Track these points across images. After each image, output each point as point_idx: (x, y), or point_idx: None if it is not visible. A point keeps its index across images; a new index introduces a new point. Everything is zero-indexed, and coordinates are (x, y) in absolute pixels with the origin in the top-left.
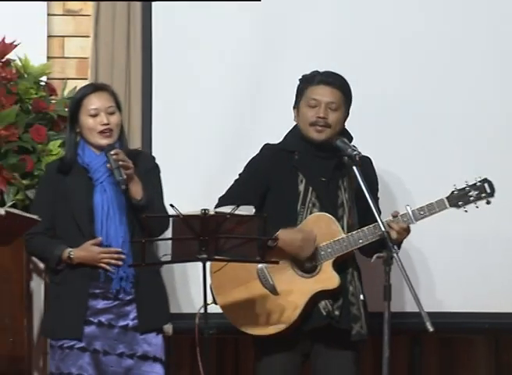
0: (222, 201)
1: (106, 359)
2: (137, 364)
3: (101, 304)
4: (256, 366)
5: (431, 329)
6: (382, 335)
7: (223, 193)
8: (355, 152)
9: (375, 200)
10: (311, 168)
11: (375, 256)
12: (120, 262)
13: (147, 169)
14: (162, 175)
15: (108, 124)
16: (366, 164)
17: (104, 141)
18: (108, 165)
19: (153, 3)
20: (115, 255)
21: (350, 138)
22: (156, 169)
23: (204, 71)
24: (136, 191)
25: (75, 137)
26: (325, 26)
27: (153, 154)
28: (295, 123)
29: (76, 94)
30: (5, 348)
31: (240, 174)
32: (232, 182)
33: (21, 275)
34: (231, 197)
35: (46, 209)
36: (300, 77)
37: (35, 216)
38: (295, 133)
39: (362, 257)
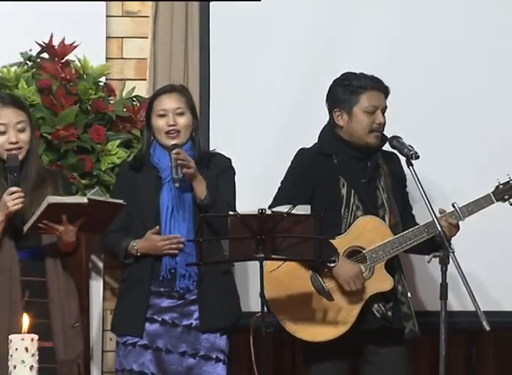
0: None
1: (168, 358)
2: (199, 364)
3: (165, 302)
4: (306, 370)
5: (487, 328)
6: (439, 334)
7: (270, 202)
8: (411, 152)
9: (405, 196)
10: (351, 170)
11: (431, 255)
12: (181, 245)
13: (220, 170)
14: None
15: (174, 125)
16: (394, 161)
17: (170, 142)
18: (170, 163)
19: (211, 4)
20: (175, 240)
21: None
22: (230, 170)
23: (261, 70)
24: (201, 190)
25: (149, 135)
26: (377, 27)
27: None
28: (325, 125)
29: (151, 96)
30: None
31: (282, 182)
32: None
33: (81, 274)
34: (280, 204)
35: None
36: (342, 81)
37: (120, 201)
38: (331, 136)
39: (413, 256)
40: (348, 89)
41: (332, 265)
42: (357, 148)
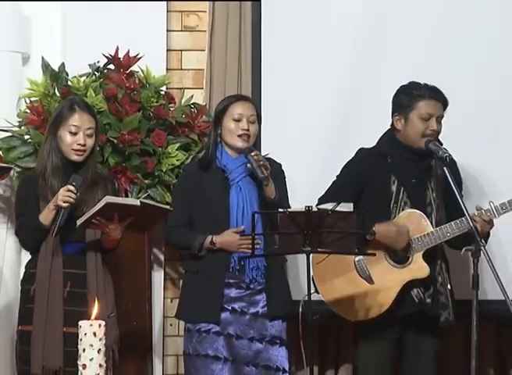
0: (322, 201)
1: (238, 343)
2: (266, 348)
3: (234, 292)
4: (356, 348)
5: None
6: (471, 321)
7: (323, 193)
8: (446, 154)
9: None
10: (403, 170)
11: (464, 249)
12: (258, 246)
13: (274, 174)
14: None
15: (247, 130)
16: (453, 166)
17: (241, 144)
18: (249, 165)
19: (262, 20)
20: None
21: (440, 142)
22: (282, 174)
23: (309, 80)
24: (271, 190)
25: (216, 137)
26: (423, 34)
27: (263, 153)
28: (388, 128)
29: (222, 101)
30: (129, 330)
31: (337, 176)
32: (330, 183)
33: (144, 265)
34: (330, 197)
35: (184, 204)
36: (406, 89)
37: (167, 207)
38: (389, 138)
39: (450, 250)
40: (408, 96)
41: (372, 237)
42: (411, 150)
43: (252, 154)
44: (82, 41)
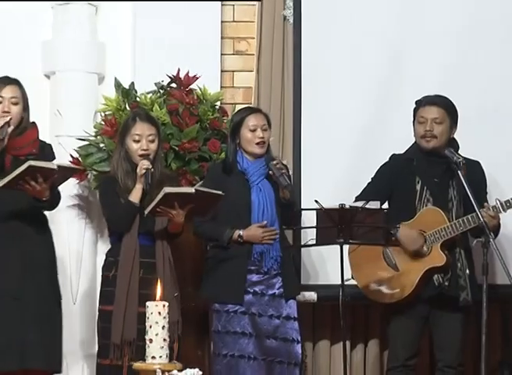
0: (358, 199)
1: (260, 320)
2: (283, 323)
3: (255, 277)
4: (388, 323)
5: None
6: (482, 302)
7: (360, 192)
8: (459, 160)
9: (483, 195)
10: (426, 171)
11: (475, 241)
12: (275, 237)
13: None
14: (312, 178)
15: (263, 138)
16: (475, 167)
17: (259, 151)
18: (271, 172)
19: (302, 44)
20: (274, 232)
21: (457, 146)
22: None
23: (342, 94)
24: (287, 191)
25: (235, 147)
26: (439, 56)
27: (302, 159)
28: None
29: (237, 114)
30: (188, 310)
31: (372, 178)
32: (365, 184)
33: (201, 253)
34: (365, 196)
35: None
36: (416, 101)
37: (219, 192)
38: (414, 144)
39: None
40: (414, 107)
41: (396, 231)
42: (433, 154)
43: (274, 163)
44: (149, 64)
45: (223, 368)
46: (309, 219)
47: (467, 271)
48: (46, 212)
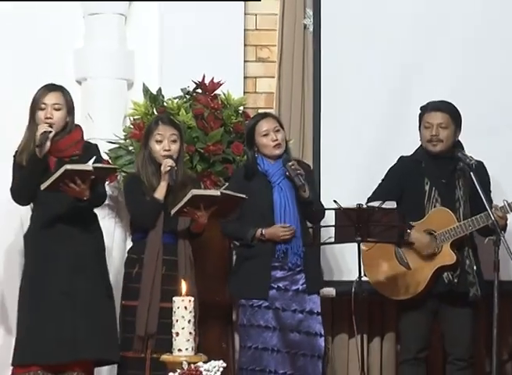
0: (370, 200)
1: (284, 314)
2: (306, 317)
3: (279, 273)
4: (399, 322)
5: None
6: (493, 297)
7: (370, 194)
8: (472, 162)
9: (488, 195)
10: (434, 173)
11: (487, 239)
12: (293, 232)
13: (307, 173)
14: (331, 179)
15: (277, 139)
16: (480, 168)
17: (278, 152)
18: (287, 173)
19: (322, 52)
20: (292, 230)
21: (462, 148)
22: (312, 173)
23: (359, 100)
24: (306, 191)
25: (253, 153)
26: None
27: (321, 161)
28: None
29: (248, 123)
30: (212, 304)
31: (382, 180)
32: (377, 185)
33: (224, 250)
34: (375, 197)
35: None
36: (421, 107)
37: (243, 195)
38: (422, 148)
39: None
40: (420, 113)
41: (409, 232)
42: (439, 156)
43: (289, 164)
44: (175, 70)
45: (248, 360)
46: (328, 218)
47: (475, 267)
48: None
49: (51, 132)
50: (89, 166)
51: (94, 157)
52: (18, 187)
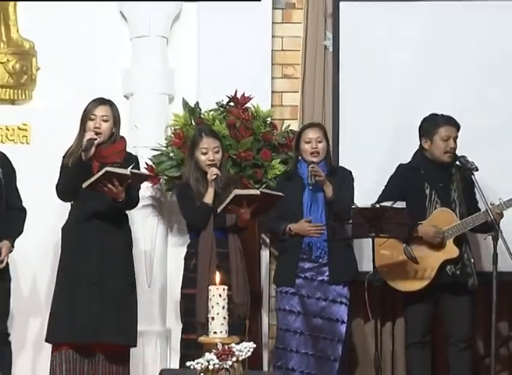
0: (377, 202)
1: (309, 301)
2: (329, 305)
3: (306, 265)
4: (405, 309)
5: None
6: (492, 287)
7: (377, 197)
8: (473, 166)
9: (473, 195)
10: (432, 178)
11: (486, 235)
12: (322, 232)
13: (344, 178)
14: None
15: (315, 148)
16: (466, 172)
17: (313, 159)
18: (307, 174)
19: (340, 70)
20: (319, 228)
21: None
22: (350, 178)
23: (374, 111)
24: (329, 191)
25: (297, 156)
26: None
27: (340, 163)
28: (417, 148)
29: (299, 128)
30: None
31: (385, 186)
32: (381, 190)
33: (255, 246)
34: (381, 200)
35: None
36: (429, 119)
37: (280, 193)
38: (420, 155)
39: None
40: (432, 124)
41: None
42: (436, 163)
43: (310, 166)
44: (211, 86)
45: (276, 339)
46: None
47: (472, 260)
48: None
49: (96, 139)
50: (127, 170)
51: (133, 164)
52: (63, 185)
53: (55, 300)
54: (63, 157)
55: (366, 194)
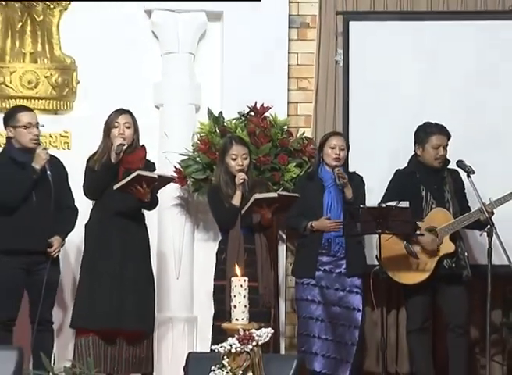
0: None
1: (328, 292)
2: (346, 295)
3: (325, 258)
4: (405, 300)
5: None
6: (487, 278)
7: (380, 200)
8: (470, 170)
9: (465, 196)
10: (427, 181)
11: (482, 231)
12: (339, 227)
13: (357, 183)
14: None
15: (339, 155)
16: (457, 174)
17: (335, 163)
18: (334, 175)
19: (350, 82)
20: (338, 224)
21: (447, 161)
22: (362, 183)
23: (382, 121)
24: (349, 193)
25: (319, 159)
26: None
27: (349, 169)
28: (413, 154)
29: (324, 136)
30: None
31: (386, 190)
32: (383, 193)
33: (273, 242)
34: (386, 202)
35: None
36: (423, 128)
37: (296, 194)
38: (414, 160)
39: (474, 232)
40: (424, 133)
41: (418, 232)
42: (429, 167)
43: (336, 169)
44: (233, 97)
45: (299, 326)
46: None
47: (466, 254)
48: (147, 212)
49: (124, 144)
50: (155, 174)
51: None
52: (91, 186)
53: (79, 290)
54: (87, 161)
55: (372, 195)
